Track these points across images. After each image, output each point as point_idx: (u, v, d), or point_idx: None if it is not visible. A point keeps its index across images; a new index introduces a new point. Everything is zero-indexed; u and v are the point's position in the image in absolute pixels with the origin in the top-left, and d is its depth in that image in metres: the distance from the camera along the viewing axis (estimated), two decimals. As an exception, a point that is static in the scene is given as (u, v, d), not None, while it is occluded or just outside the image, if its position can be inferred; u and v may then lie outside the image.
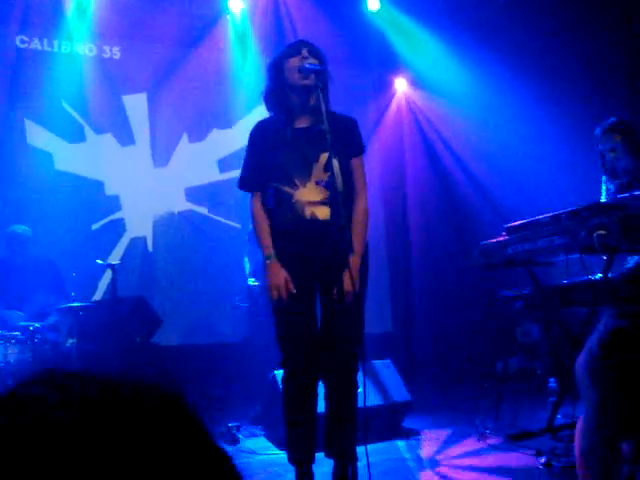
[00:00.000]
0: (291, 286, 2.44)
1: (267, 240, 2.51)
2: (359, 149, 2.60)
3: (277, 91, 2.56)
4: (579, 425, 0.55)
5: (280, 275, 2.45)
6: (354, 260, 2.45)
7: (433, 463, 3.05)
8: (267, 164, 2.51)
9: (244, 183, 2.62)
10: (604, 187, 3.42)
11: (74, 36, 5.27)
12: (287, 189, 2.48)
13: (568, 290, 3.24)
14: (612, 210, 2.79)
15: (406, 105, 6.63)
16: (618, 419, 0.51)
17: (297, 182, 2.48)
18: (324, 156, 2.46)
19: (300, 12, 5.71)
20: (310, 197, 2.47)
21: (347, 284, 2.40)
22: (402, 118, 6.61)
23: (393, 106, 6.61)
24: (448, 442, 3.43)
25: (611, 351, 0.53)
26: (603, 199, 3.42)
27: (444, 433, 3.64)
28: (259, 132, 2.59)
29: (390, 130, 6.54)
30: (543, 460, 2.75)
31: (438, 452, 3.26)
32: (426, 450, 3.29)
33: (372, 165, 6.28)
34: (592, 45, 5.09)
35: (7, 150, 4.99)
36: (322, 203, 2.47)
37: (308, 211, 2.47)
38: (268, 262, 2.48)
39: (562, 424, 3.21)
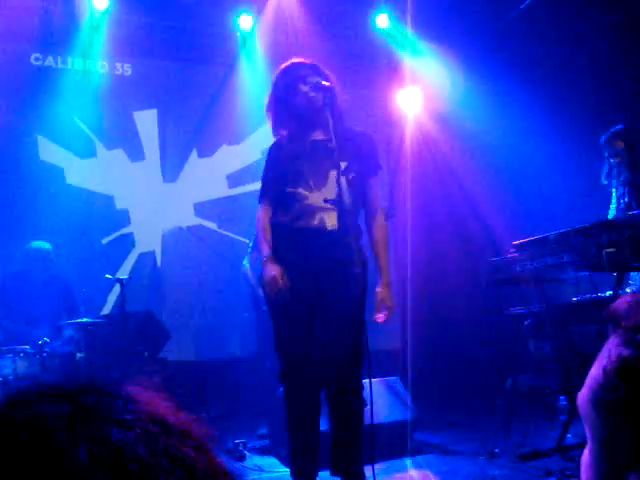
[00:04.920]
0: (286, 279, 2.42)
1: (266, 244, 2.51)
2: (375, 169, 2.62)
3: (288, 106, 2.58)
4: (584, 458, 0.54)
5: (274, 269, 2.43)
6: (383, 293, 2.47)
7: (441, 482, 3.01)
8: (286, 174, 2.53)
9: (264, 196, 2.62)
10: (614, 195, 3.42)
11: (87, 53, 5.35)
12: (302, 191, 2.50)
13: (578, 308, 3.21)
14: (622, 227, 2.77)
15: (414, 121, 6.63)
16: (625, 453, 0.51)
17: (312, 185, 2.50)
18: (333, 172, 2.47)
19: (308, 29, 5.76)
20: (321, 202, 2.48)
21: (380, 318, 2.46)
22: (411, 134, 6.60)
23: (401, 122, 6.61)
24: (456, 461, 3.38)
25: (616, 382, 0.52)
26: (613, 205, 3.42)
27: (452, 451, 3.60)
28: (277, 147, 2.63)
29: (398, 146, 6.54)
30: (553, 480, 2.71)
31: (446, 471, 3.22)
32: (434, 469, 3.25)
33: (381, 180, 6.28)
34: (600, 58, 5.09)
35: (20, 165, 5.05)
36: (332, 210, 2.47)
37: (317, 216, 2.47)
38: (264, 259, 2.48)
39: (572, 444, 3.16)
